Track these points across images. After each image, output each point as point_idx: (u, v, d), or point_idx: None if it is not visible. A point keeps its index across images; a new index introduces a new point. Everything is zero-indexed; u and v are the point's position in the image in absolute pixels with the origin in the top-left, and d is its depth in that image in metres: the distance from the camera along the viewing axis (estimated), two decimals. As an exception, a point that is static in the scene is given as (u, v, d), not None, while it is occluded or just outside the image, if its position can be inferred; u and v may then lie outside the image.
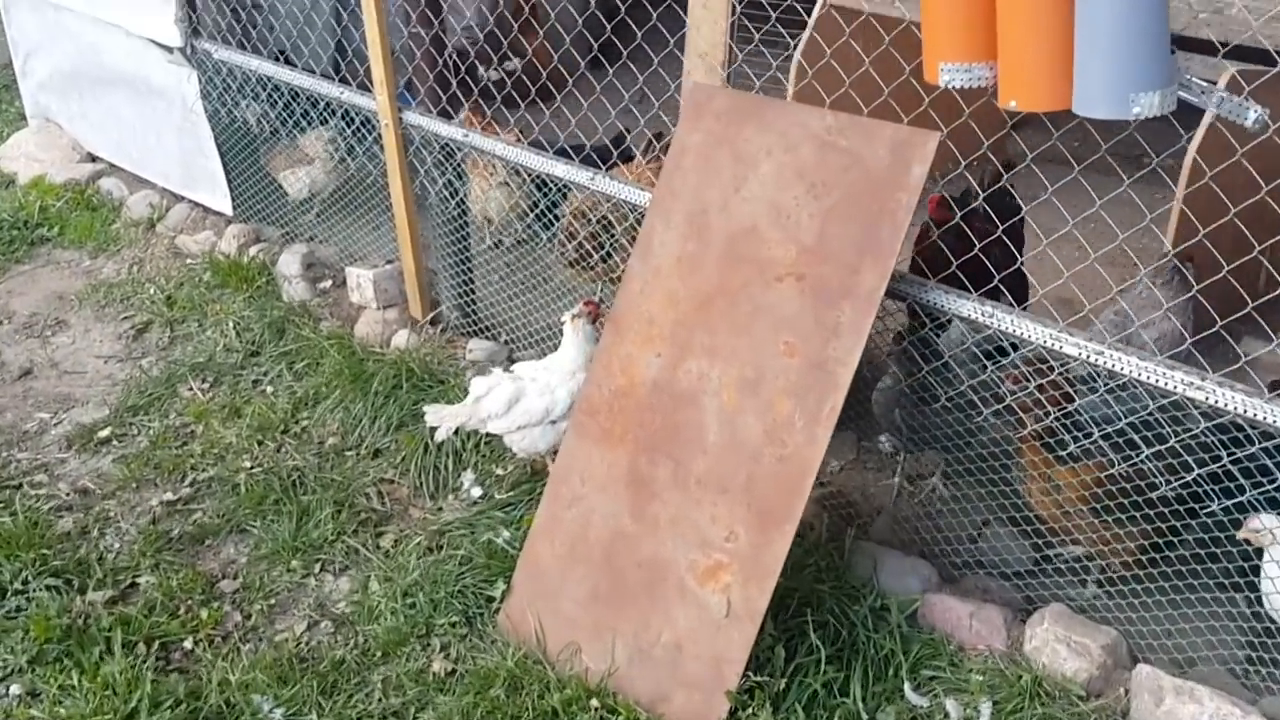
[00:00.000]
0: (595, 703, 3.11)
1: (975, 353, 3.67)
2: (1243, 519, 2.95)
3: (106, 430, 4.55)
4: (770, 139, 3.24)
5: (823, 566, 3.40)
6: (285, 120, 5.43)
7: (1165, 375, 2.65)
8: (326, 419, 4.50)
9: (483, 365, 4.58)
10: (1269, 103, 2.56)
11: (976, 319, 2.98)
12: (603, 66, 4.30)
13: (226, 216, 5.95)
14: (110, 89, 6.22)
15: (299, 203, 5.94)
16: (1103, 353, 2.73)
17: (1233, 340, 3.01)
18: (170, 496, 4.15)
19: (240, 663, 3.38)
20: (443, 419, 3.90)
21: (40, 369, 5.03)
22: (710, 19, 3.48)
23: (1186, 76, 2.49)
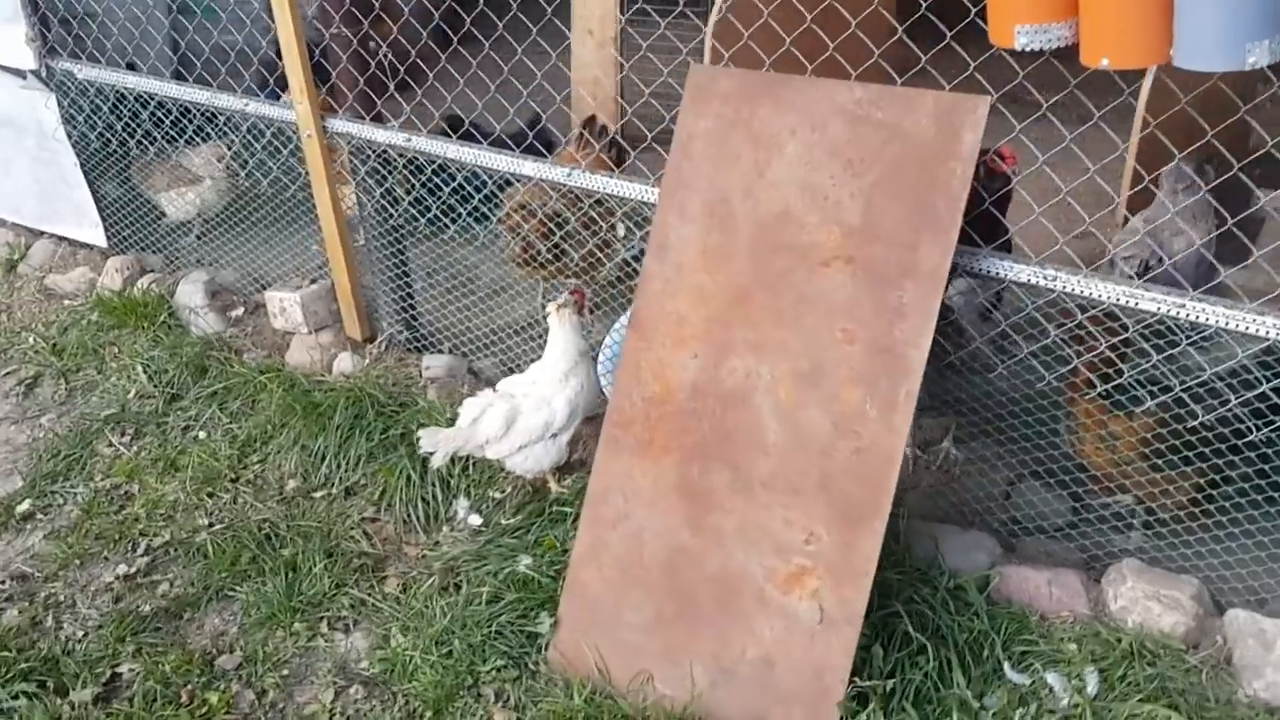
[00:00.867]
0: (684, 731, 2.93)
1: (984, 309, 3.64)
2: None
3: (25, 503, 4.04)
4: (792, 118, 3.08)
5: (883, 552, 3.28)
6: (154, 138, 4.94)
7: (1255, 321, 2.62)
8: (280, 461, 4.11)
9: (444, 381, 4.27)
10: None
11: (1038, 284, 2.90)
12: (462, 56, 4.07)
13: (101, 249, 5.39)
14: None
15: (176, 225, 5.43)
16: (1184, 305, 2.69)
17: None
18: (126, 570, 3.70)
19: (273, 747, 3.05)
20: (438, 443, 3.59)
21: (-78, 443, 4.44)
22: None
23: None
